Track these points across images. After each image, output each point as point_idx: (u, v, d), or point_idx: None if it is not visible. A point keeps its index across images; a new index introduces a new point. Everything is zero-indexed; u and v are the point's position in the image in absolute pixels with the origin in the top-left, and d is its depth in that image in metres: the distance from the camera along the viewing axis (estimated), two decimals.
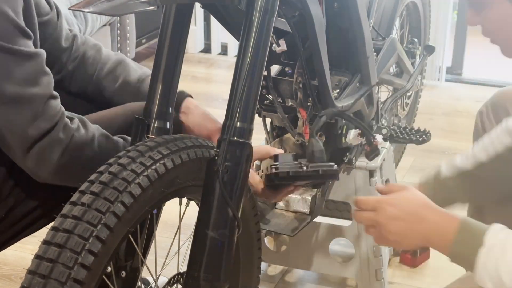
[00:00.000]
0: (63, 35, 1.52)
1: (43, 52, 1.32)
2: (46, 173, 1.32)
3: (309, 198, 1.75)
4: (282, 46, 1.63)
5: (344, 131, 1.82)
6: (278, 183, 1.42)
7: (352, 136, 1.79)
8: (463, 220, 1.20)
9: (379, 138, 1.80)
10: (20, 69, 1.27)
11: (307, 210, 1.75)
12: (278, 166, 1.40)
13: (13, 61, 1.26)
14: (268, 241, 2.07)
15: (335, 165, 1.43)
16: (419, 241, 1.24)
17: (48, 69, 1.33)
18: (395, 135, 2.00)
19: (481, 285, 1.17)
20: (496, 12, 1.30)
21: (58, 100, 1.33)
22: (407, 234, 1.23)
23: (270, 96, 1.71)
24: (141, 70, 1.56)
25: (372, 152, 1.77)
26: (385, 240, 1.26)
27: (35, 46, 1.33)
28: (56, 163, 1.31)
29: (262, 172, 1.47)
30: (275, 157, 1.43)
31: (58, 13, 1.50)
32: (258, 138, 1.72)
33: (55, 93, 1.33)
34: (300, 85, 1.63)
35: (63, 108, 1.33)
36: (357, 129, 1.78)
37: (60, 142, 1.30)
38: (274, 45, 1.62)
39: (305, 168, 1.40)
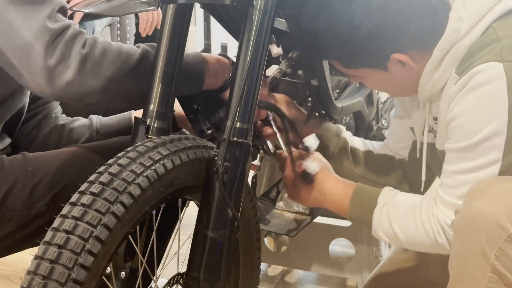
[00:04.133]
0: None
1: None
2: (69, 71, 1.27)
3: None
4: (278, 50, 1.63)
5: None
6: None
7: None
8: (357, 186, 1.46)
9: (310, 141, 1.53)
10: None
11: (307, 211, 1.75)
12: None
13: None
14: (268, 242, 2.07)
15: None
16: (314, 204, 1.53)
17: None
18: None
19: (377, 237, 1.43)
20: (374, 80, 1.42)
21: None
22: (314, 203, 1.52)
23: None
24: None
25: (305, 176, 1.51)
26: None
27: None
28: (79, 56, 1.27)
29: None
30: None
31: None
32: None
33: (66, 6, 1.33)
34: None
35: None
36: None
37: (81, 34, 1.29)
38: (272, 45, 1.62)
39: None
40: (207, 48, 4.32)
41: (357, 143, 1.67)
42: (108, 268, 1.21)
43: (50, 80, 1.26)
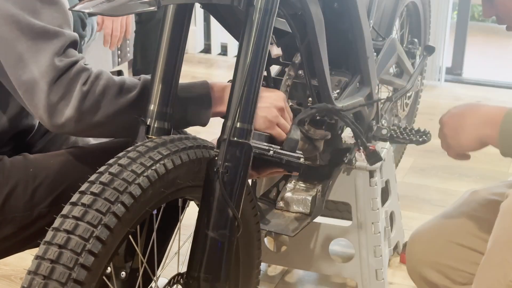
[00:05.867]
0: None
1: (66, 5, 1.35)
2: (69, 109, 1.29)
3: (309, 198, 1.75)
4: (278, 51, 1.63)
5: (344, 131, 1.82)
6: None
7: (347, 134, 1.74)
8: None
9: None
10: (46, 10, 1.31)
11: (307, 211, 1.75)
12: None
13: (40, 1, 1.31)
14: (268, 242, 2.07)
15: (302, 158, 1.38)
16: (473, 132, 1.33)
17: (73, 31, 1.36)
18: (395, 135, 2.00)
19: None
20: None
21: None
22: (463, 127, 1.34)
23: None
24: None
25: (371, 157, 1.72)
26: (446, 141, 1.39)
27: None
28: (79, 93, 1.28)
29: None
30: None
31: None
32: None
33: (77, 39, 1.35)
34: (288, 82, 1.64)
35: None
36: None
37: (85, 70, 1.31)
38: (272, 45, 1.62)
39: (271, 152, 1.37)
40: (207, 48, 4.32)
41: None
42: (109, 268, 1.21)
43: (51, 116, 1.29)
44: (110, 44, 2.46)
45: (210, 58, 4.21)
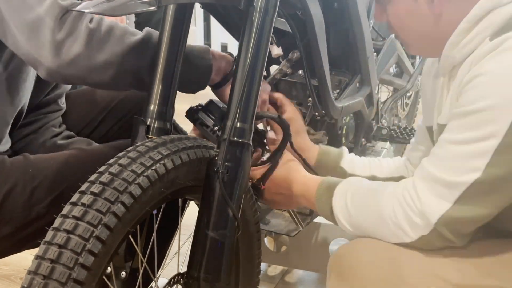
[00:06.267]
0: None
1: None
2: (77, 44, 1.29)
3: None
4: (278, 51, 1.63)
5: (344, 131, 1.82)
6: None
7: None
8: (322, 180, 1.37)
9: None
10: None
11: (307, 211, 1.75)
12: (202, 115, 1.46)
13: None
14: (268, 242, 2.07)
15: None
16: (293, 203, 1.45)
17: None
18: (395, 135, 2.00)
19: (343, 228, 1.31)
20: (398, 8, 1.31)
21: None
22: (285, 204, 1.47)
23: None
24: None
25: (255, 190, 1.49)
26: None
27: None
28: (87, 30, 1.29)
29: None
30: (210, 104, 1.48)
31: None
32: None
33: None
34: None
35: None
36: None
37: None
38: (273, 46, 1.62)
39: (209, 128, 1.45)
40: None
41: (360, 169, 1.60)
42: (109, 268, 1.21)
43: (58, 53, 1.28)
44: None
45: None
